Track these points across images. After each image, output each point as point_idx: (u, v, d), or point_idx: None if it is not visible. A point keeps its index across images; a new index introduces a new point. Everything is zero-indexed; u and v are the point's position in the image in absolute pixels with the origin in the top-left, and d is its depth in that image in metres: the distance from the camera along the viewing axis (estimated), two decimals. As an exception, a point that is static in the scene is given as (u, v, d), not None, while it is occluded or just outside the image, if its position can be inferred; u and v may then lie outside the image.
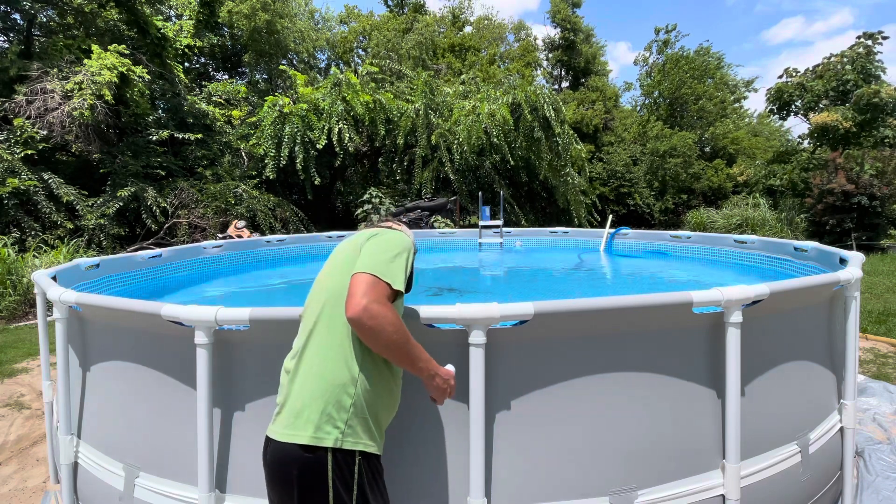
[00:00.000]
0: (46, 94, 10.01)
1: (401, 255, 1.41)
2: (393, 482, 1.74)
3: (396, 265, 1.37)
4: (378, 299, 1.26)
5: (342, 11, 25.80)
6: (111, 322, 2.15)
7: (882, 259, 10.90)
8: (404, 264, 1.40)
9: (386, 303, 1.27)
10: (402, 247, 1.45)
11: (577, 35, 26.03)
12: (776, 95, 19.52)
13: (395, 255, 1.39)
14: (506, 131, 13.29)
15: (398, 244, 1.45)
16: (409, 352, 1.34)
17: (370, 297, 1.25)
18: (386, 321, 1.25)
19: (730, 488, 1.86)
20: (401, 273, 1.36)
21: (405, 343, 1.31)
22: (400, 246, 1.44)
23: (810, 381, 2.28)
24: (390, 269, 1.34)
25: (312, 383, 1.31)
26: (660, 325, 1.85)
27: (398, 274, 1.35)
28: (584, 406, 1.80)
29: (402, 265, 1.39)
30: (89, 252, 9.52)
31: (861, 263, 2.56)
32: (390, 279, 1.31)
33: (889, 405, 3.54)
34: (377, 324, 1.24)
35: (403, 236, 1.51)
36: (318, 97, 13.14)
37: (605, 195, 21.32)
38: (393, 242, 1.44)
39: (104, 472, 2.12)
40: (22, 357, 5.13)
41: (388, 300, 1.29)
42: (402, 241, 1.48)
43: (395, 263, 1.37)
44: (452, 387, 1.48)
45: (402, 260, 1.40)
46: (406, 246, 1.47)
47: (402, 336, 1.30)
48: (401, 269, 1.38)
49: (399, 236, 1.49)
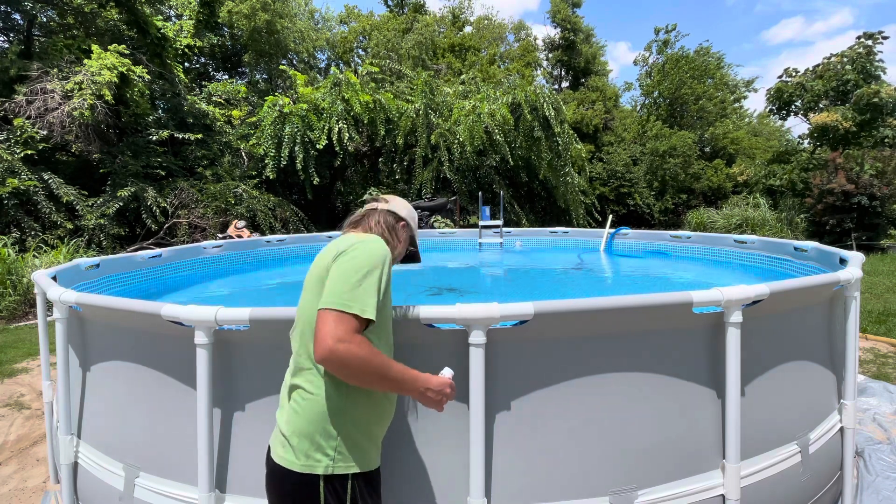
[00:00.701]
0: (46, 94, 10.02)
1: (371, 273, 1.29)
2: (393, 482, 1.74)
3: (364, 289, 1.25)
4: (344, 337, 1.18)
5: (342, 11, 25.82)
6: (111, 322, 2.15)
7: (882, 259, 10.90)
8: (376, 284, 1.28)
9: (354, 339, 1.19)
10: (371, 263, 1.31)
11: (577, 35, 26.04)
12: (776, 95, 19.53)
13: (362, 277, 1.27)
14: (506, 131, 13.29)
15: (367, 261, 1.31)
16: (389, 380, 1.28)
17: (336, 336, 1.18)
18: (355, 360, 1.19)
19: (730, 488, 1.86)
20: (371, 297, 1.26)
21: (383, 374, 1.25)
22: (369, 262, 1.31)
23: (810, 381, 2.28)
24: (357, 297, 1.23)
25: (298, 415, 1.31)
26: (660, 325, 1.85)
27: (368, 299, 1.25)
28: (584, 406, 1.80)
29: (373, 286, 1.27)
30: (89, 252, 9.52)
31: (861, 263, 2.56)
32: (358, 309, 1.22)
33: (889, 405, 3.54)
34: (346, 365, 1.19)
35: (375, 248, 1.36)
36: (318, 97, 13.14)
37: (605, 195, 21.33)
38: (361, 260, 1.30)
39: (104, 472, 2.12)
40: (22, 357, 5.13)
41: (356, 334, 1.21)
42: (372, 255, 1.33)
43: (362, 288, 1.25)
44: (448, 394, 1.41)
45: (372, 280, 1.28)
46: (377, 261, 1.32)
47: (376, 369, 1.23)
48: (370, 291, 1.26)
49: (369, 249, 1.34)
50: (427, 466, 1.77)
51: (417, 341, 1.77)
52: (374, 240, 1.39)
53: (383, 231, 1.55)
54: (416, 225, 1.72)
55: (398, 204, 1.69)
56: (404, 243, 1.65)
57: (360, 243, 1.35)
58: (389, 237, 1.55)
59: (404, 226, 1.65)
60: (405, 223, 1.67)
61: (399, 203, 1.69)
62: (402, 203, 1.70)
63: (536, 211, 15.43)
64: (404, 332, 1.72)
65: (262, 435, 1.66)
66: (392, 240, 1.56)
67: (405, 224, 1.66)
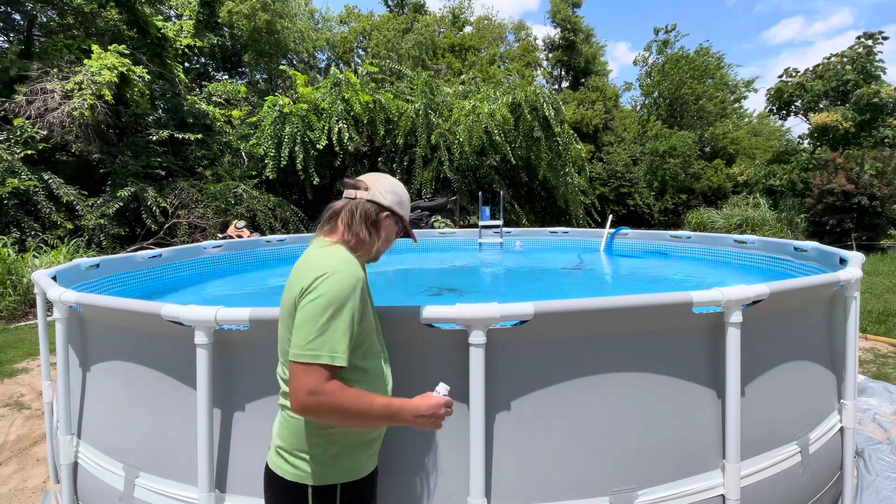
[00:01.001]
0: (46, 94, 10.02)
1: (337, 314, 1.19)
2: (393, 482, 1.74)
3: (332, 333, 1.18)
4: (315, 390, 1.14)
5: (342, 11, 25.81)
6: (111, 322, 2.15)
7: (882, 259, 10.90)
8: (345, 323, 1.19)
9: (326, 389, 1.15)
10: (337, 301, 1.19)
11: (577, 35, 26.03)
12: (776, 95, 19.54)
13: (328, 320, 1.18)
14: (506, 131, 13.29)
15: (331, 300, 1.19)
16: (372, 419, 1.24)
17: (307, 389, 1.14)
18: (329, 411, 1.16)
19: (730, 488, 1.86)
20: (340, 340, 1.18)
21: (363, 416, 1.21)
22: (334, 301, 1.19)
23: (810, 381, 2.28)
24: (325, 344, 1.17)
25: (286, 428, 1.32)
26: (660, 325, 1.85)
27: (337, 343, 1.18)
28: (584, 406, 1.80)
29: (342, 327, 1.19)
30: (89, 252, 9.52)
31: (861, 263, 2.56)
32: (327, 358, 1.16)
33: (889, 405, 3.54)
34: (321, 416, 1.18)
35: (339, 283, 1.21)
36: (318, 97, 13.14)
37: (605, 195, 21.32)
38: (324, 301, 1.19)
39: (104, 472, 2.12)
40: (22, 357, 5.13)
41: (327, 383, 1.15)
42: (336, 293, 1.20)
43: (329, 332, 1.17)
44: (442, 415, 1.33)
45: (340, 321, 1.19)
46: (342, 297, 1.20)
47: (355, 414, 1.19)
48: (339, 334, 1.18)
49: (332, 286, 1.20)
50: (427, 466, 1.77)
51: (417, 341, 1.77)
52: (336, 269, 1.23)
53: (358, 231, 1.37)
54: (406, 206, 1.49)
55: (381, 186, 1.43)
56: (389, 235, 1.46)
57: (322, 280, 1.21)
58: (367, 235, 1.38)
59: (388, 216, 1.43)
60: (389, 213, 1.43)
61: (382, 185, 1.44)
62: (387, 184, 1.45)
63: (536, 211, 15.43)
64: (404, 332, 1.73)
65: (262, 435, 1.66)
66: (370, 238, 1.38)
67: (389, 214, 1.43)
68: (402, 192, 1.48)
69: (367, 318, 1.33)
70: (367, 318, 1.33)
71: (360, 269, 1.33)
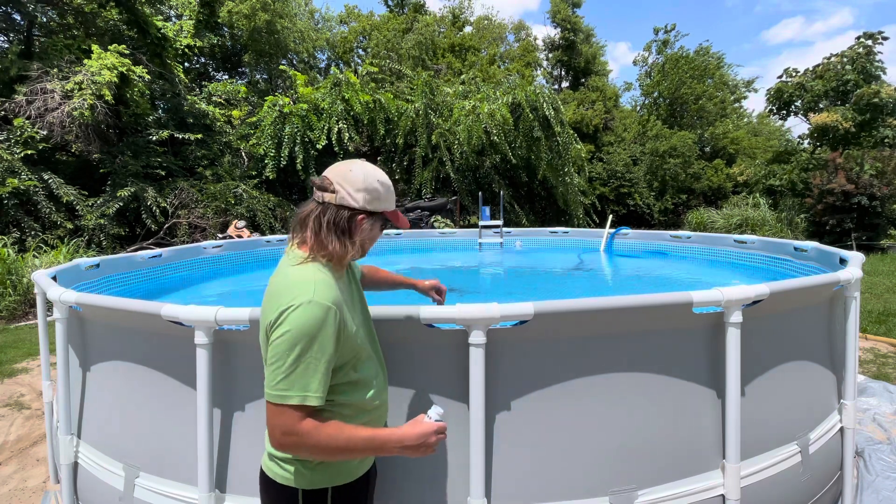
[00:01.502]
0: (46, 94, 10.02)
1: (307, 350, 1.11)
2: (393, 482, 1.74)
3: (302, 371, 1.10)
4: (289, 430, 1.10)
5: (342, 11, 25.80)
6: (111, 322, 2.15)
7: (882, 259, 10.90)
8: (317, 358, 1.12)
9: (300, 431, 1.10)
10: (305, 337, 1.10)
11: (577, 35, 26.02)
12: (776, 95, 19.54)
13: (297, 357, 1.10)
14: (506, 131, 13.30)
15: (298, 335, 1.10)
16: (355, 451, 1.18)
17: (281, 429, 1.11)
18: (305, 451, 1.14)
19: (730, 488, 1.86)
20: (312, 377, 1.11)
21: (344, 450, 1.16)
22: (302, 337, 1.10)
23: (810, 381, 2.28)
24: (295, 383, 1.10)
25: None
26: (660, 325, 1.85)
27: (309, 381, 1.11)
28: (584, 406, 1.80)
29: (314, 363, 1.12)
30: (89, 252, 9.52)
31: (861, 263, 2.56)
32: (298, 399, 1.10)
33: (889, 405, 3.54)
34: (298, 454, 1.17)
35: (305, 316, 1.11)
36: (318, 97, 13.15)
37: (605, 195, 21.32)
38: (291, 337, 1.10)
39: (104, 472, 2.12)
40: (22, 357, 5.13)
41: (301, 424, 1.10)
42: (302, 327, 1.10)
43: (299, 371, 1.10)
44: (433, 443, 1.25)
45: (310, 357, 1.11)
46: (311, 331, 1.11)
47: (333, 451, 1.15)
48: (311, 370, 1.11)
49: (298, 321, 1.11)
50: (427, 466, 1.77)
51: (417, 341, 1.77)
52: (304, 298, 1.13)
53: (327, 243, 1.23)
54: (384, 197, 1.30)
55: (351, 185, 1.24)
56: (370, 235, 1.32)
57: (288, 313, 1.12)
58: (339, 245, 1.24)
59: (363, 218, 1.27)
60: (365, 215, 1.27)
61: (352, 184, 1.25)
62: (357, 180, 1.25)
63: (536, 211, 15.44)
64: (404, 332, 1.73)
65: (261, 435, 1.65)
66: (342, 247, 1.24)
67: (365, 216, 1.27)
68: (376, 185, 1.28)
69: (349, 334, 1.23)
70: (349, 334, 1.23)
71: (334, 290, 1.20)
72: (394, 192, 1.35)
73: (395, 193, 1.36)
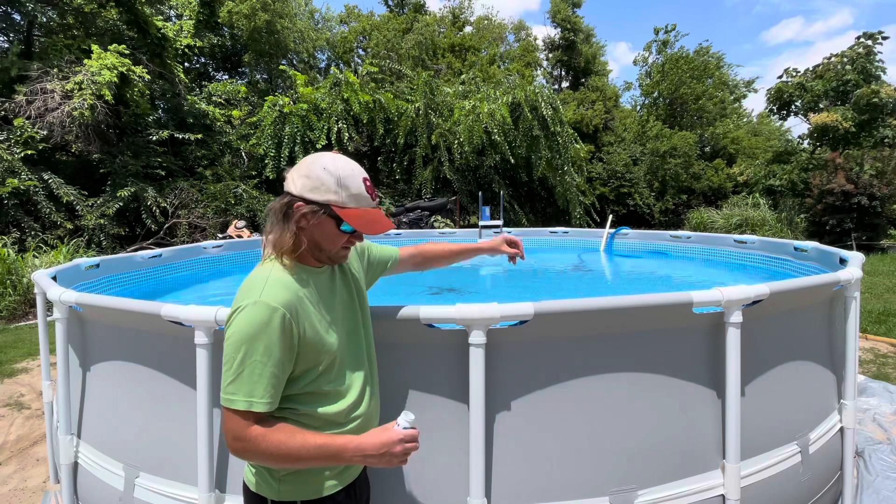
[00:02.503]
0: (46, 94, 10.02)
1: (250, 353, 1.06)
2: (392, 482, 1.74)
3: (248, 376, 1.06)
4: (238, 436, 1.07)
5: (342, 11, 25.80)
6: (111, 322, 2.15)
7: (882, 259, 10.90)
8: (263, 361, 1.07)
9: (248, 437, 1.07)
10: (247, 339, 1.06)
11: (577, 35, 26.01)
12: (776, 95, 19.53)
13: (241, 361, 1.06)
14: (506, 131, 13.30)
15: (241, 338, 1.07)
16: (307, 460, 1.11)
17: (231, 434, 1.08)
18: (255, 457, 1.10)
19: (730, 488, 1.86)
20: (258, 382, 1.06)
21: (294, 458, 1.10)
22: (245, 339, 1.06)
23: (810, 381, 2.28)
24: (241, 388, 1.06)
25: None
26: (660, 325, 1.85)
27: (255, 386, 1.06)
28: (584, 406, 1.80)
29: (259, 367, 1.06)
30: (89, 252, 9.52)
31: (861, 263, 2.56)
32: (243, 404, 1.06)
33: (889, 405, 3.54)
34: (251, 459, 1.12)
35: (248, 318, 1.07)
36: (318, 97, 13.15)
37: (605, 195, 21.30)
38: (234, 340, 1.07)
39: (104, 472, 2.12)
40: (22, 357, 5.13)
41: (249, 429, 1.07)
42: (244, 329, 1.07)
43: (245, 376, 1.06)
44: (398, 452, 1.15)
45: (254, 361, 1.06)
46: (253, 332, 1.06)
47: (284, 457, 1.09)
48: (256, 375, 1.06)
49: (240, 323, 1.08)
50: (427, 466, 1.77)
51: (417, 341, 1.77)
52: (251, 299, 1.09)
53: (272, 235, 1.18)
54: (332, 190, 1.15)
55: (298, 169, 1.17)
56: (318, 231, 1.18)
57: (235, 315, 1.10)
58: (278, 236, 1.17)
59: (301, 206, 1.14)
60: (303, 203, 1.14)
61: (299, 167, 1.17)
62: (306, 163, 1.17)
63: (536, 211, 15.44)
64: (404, 332, 1.72)
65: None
66: (279, 235, 1.16)
67: (303, 204, 1.14)
68: (320, 172, 1.14)
69: (309, 340, 1.15)
70: (309, 340, 1.15)
71: (289, 290, 1.13)
72: (356, 188, 1.17)
73: (365, 192, 1.19)
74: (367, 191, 1.19)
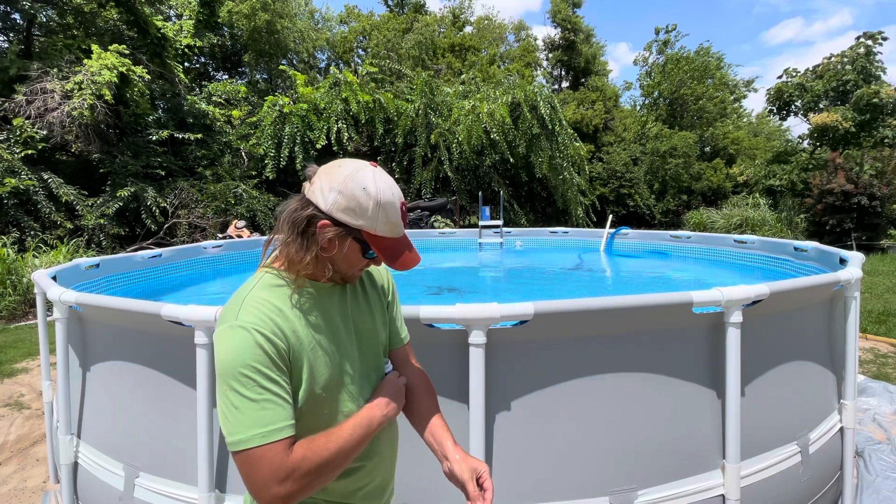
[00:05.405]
0: (46, 94, 10.02)
1: (234, 390, 0.86)
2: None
3: (248, 412, 0.85)
4: (281, 473, 0.85)
5: (342, 11, 25.80)
6: (111, 322, 2.14)
7: (882, 259, 10.90)
8: (265, 387, 0.87)
9: (290, 466, 0.86)
10: (229, 374, 0.86)
11: (578, 35, 26.02)
12: (776, 95, 19.54)
13: (234, 399, 0.86)
14: (505, 131, 13.31)
15: (227, 370, 0.87)
16: (357, 444, 0.97)
17: (273, 480, 0.85)
18: (312, 475, 0.88)
19: (730, 488, 1.86)
20: (267, 410, 0.86)
21: (346, 451, 0.94)
22: (226, 375, 0.87)
23: (810, 381, 2.28)
24: (255, 424, 0.85)
25: None
26: (660, 325, 1.85)
27: (264, 414, 0.86)
28: (584, 406, 1.80)
29: (265, 393, 0.87)
30: (89, 252, 9.52)
31: (861, 263, 2.56)
32: (260, 438, 0.85)
33: (889, 405, 3.54)
34: (308, 491, 0.89)
35: (227, 350, 0.88)
36: (318, 97, 13.16)
37: (605, 195, 21.30)
38: (221, 372, 0.88)
39: (104, 472, 2.12)
40: (22, 357, 5.13)
41: (286, 460, 0.86)
42: (228, 359, 0.87)
43: (243, 411, 0.85)
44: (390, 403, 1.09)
45: (244, 397, 0.85)
46: (239, 362, 0.86)
47: (337, 451, 0.92)
48: (258, 410, 0.85)
49: (223, 349, 0.89)
50: (426, 466, 1.77)
51: (417, 341, 1.76)
52: (229, 321, 0.91)
53: (288, 244, 0.98)
54: (369, 216, 0.95)
55: (327, 181, 0.96)
56: (341, 255, 0.99)
57: (217, 341, 0.91)
58: (296, 252, 0.97)
59: (327, 226, 0.95)
60: (330, 223, 0.95)
61: (333, 178, 0.95)
62: (341, 176, 0.95)
63: (536, 211, 15.44)
64: (404, 332, 1.72)
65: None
66: (301, 256, 0.96)
67: (330, 225, 0.95)
68: (359, 193, 0.94)
69: (305, 375, 0.97)
70: (305, 375, 0.97)
71: (274, 311, 0.94)
72: (394, 217, 0.98)
73: (400, 219, 1.00)
74: (401, 218, 1.01)
